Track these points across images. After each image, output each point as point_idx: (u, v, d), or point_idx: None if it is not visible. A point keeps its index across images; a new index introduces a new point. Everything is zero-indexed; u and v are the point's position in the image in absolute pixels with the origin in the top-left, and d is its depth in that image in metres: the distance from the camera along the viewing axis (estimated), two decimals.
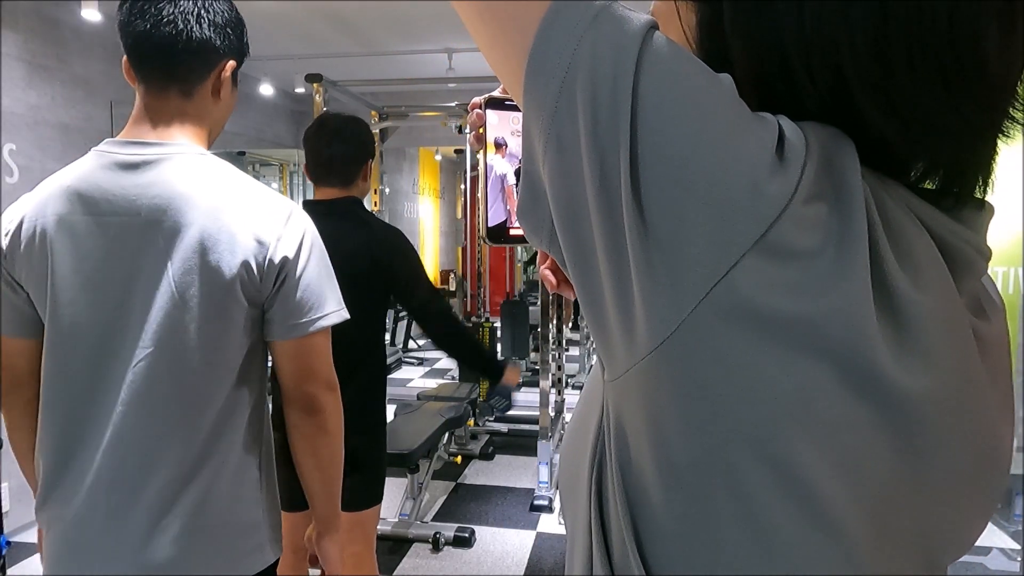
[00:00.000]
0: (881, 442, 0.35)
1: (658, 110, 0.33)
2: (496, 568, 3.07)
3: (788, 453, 0.34)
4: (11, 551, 3.15)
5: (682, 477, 0.36)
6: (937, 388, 0.36)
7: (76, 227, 1.03)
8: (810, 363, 0.33)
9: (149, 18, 1.04)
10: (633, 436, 0.39)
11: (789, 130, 0.35)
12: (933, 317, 0.36)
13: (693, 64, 0.35)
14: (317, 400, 1.15)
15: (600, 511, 0.42)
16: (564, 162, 0.36)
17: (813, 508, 0.34)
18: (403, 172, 8.18)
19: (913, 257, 0.36)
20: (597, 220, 0.35)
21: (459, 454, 4.41)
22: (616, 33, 0.34)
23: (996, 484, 0.43)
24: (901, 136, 0.38)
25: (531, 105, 0.37)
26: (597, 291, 0.37)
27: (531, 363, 6.37)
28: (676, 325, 0.34)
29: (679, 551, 0.37)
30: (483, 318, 5.21)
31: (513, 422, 5.00)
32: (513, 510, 3.66)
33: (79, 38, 3.69)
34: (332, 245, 1.92)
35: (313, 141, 1.98)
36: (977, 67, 0.37)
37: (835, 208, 0.34)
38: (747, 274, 0.33)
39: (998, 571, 3.02)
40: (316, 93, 3.92)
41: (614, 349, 0.38)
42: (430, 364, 7.35)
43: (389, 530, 3.26)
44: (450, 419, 3.63)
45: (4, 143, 3.27)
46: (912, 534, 0.38)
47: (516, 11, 0.37)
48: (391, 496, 3.72)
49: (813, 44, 0.37)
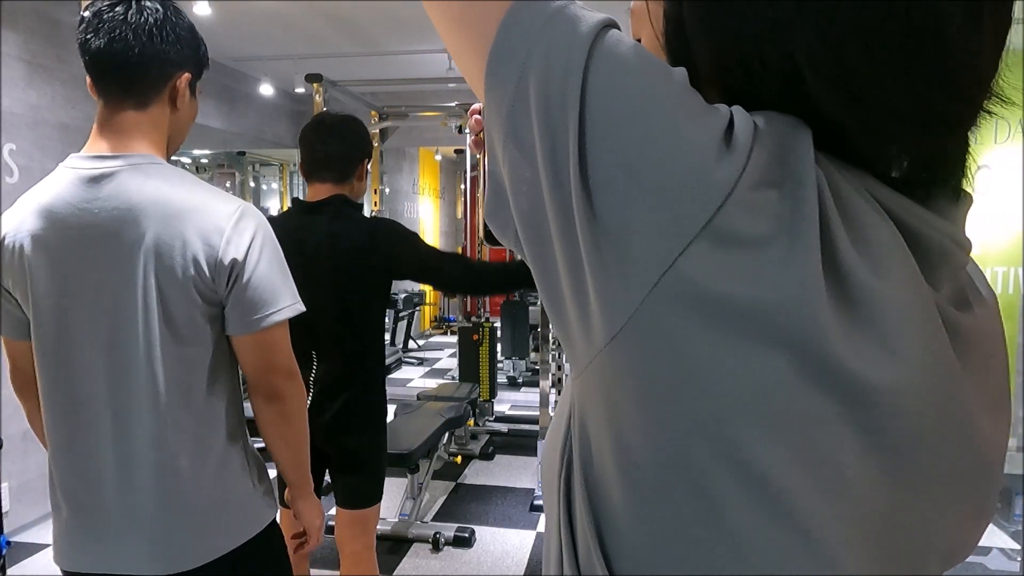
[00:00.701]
0: (849, 438, 0.34)
1: (605, 103, 0.34)
2: (496, 568, 3.07)
3: (748, 449, 0.33)
4: (11, 551, 3.15)
5: (642, 475, 0.35)
6: (903, 380, 0.35)
7: (48, 241, 1.11)
8: (765, 353, 0.33)
9: (103, 35, 1.11)
10: (595, 434, 0.38)
11: (740, 118, 0.35)
12: (894, 305, 0.35)
13: (643, 59, 0.35)
14: (278, 388, 1.23)
15: (568, 510, 0.41)
16: (521, 160, 0.37)
17: (777, 505, 0.33)
18: (403, 172, 8.18)
19: (872, 245, 0.35)
20: (552, 214, 0.36)
21: (459, 454, 4.40)
22: (569, 32, 0.35)
23: (987, 485, 0.41)
24: (861, 124, 0.38)
25: (490, 105, 0.38)
26: (557, 286, 0.38)
27: (531, 363, 6.37)
28: (628, 316, 0.34)
29: (641, 550, 0.36)
30: (483, 318, 5.21)
31: (513, 422, 5.01)
32: (513, 510, 3.66)
33: None
34: (328, 245, 1.93)
35: (309, 138, 1.97)
36: (940, 53, 0.36)
37: (786, 195, 0.34)
38: (696, 261, 0.33)
39: (998, 571, 3.02)
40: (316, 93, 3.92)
41: (574, 344, 0.38)
42: (430, 364, 7.34)
43: (389, 530, 3.26)
44: (450, 419, 3.63)
45: (4, 143, 3.27)
46: (894, 535, 0.37)
47: (478, 15, 0.38)
48: (391, 496, 3.72)
49: (765, 32, 0.37)
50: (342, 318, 1.93)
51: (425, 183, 8.98)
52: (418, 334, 8.28)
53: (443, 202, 9.95)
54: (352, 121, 2.02)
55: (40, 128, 3.48)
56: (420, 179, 8.77)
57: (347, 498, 2.04)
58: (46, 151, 3.51)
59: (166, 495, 1.14)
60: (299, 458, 1.32)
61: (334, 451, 1.95)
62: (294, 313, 1.21)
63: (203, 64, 1.24)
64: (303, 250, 1.83)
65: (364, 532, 2.06)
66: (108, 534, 1.14)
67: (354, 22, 4.39)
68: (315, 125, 2.00)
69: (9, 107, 3.31)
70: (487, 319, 5.18)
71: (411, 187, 8.45)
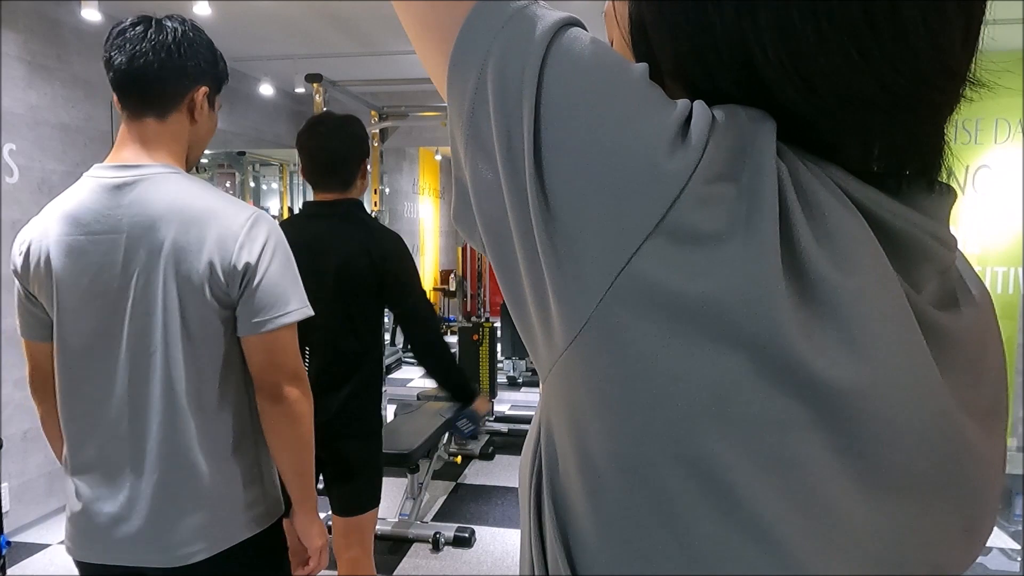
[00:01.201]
0: (817, 441, 0.32)
1: (559, 101, 0.33)
2: (496, 568, 3.07)
3: (707, 452, 0.32)
4: (11, 551, 3.15)
5: (603, 482, 0.34)
6: (870, 381, 0.33)
7: (73, 246, 1.18)
8: (723, 353, 0.31)
9: (124, 53, 1.18)
10: (559, 440, 0.37)
11: (698, 112, 0.33)
12: (860, 302, 0.33)
13: (599, 55, 0.35)
14: (282, 389, 1.26)
15: (539, 519, 0.40)
16: (482, 162, 0.36)
17: (738, 512, 0.32)
18: (403, 172, 8.18)
19: (837, 239, 0.34)
20: (511, 215, 0.35)
21: (459, 454, 4.40)
22: (528, 30, 0.35)
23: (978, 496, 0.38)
24: (821, 113, 0.36)
25: (452, 107, 0.37)
26: (519, 290, 0.37)
27: (531, 363, 6.36)
28: (585, 319, 0.33)
29: (604, 557, 0.35)
30: (483, 318, 5.21)
31: (513, 422, 5.01)
32: (513, 510, 3.66)
33: (79, 38, 3.69)
34: (333, 246, 1.93)
35: (307, 144, 1.94)
36: (898, 36, 0.34)
37: (744, 189, 0.33)
38: (650, 260, 0.31)
39: (998, 571, 3.02)
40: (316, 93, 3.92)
41: (538, 349, 0.37)
42: None
43: (389, 530, 3.26)
44: (450, 419, 3.63)
45: (4, 143, 3.27)
46: (867, 545, 0.35)
47: (442, 18, 0.38)
48: (391, 496, 3.72)
49: (718, 22, 0.36)
50: (343, 320, 1.93)
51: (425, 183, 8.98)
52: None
53: (443, 202, 9.95)
54: (348, 122, 1.99)
55: (40, 128, 3.48)
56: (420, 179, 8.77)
57: (342, 505, 2.02)
58: (46, 151, 3.51)
59: (177, 490, 1.19)
60: (303, 467, 1.32)
61: (328, 455, 1.92)
62: (302, 317, 1.25)
63: (221, 78, 1.32)
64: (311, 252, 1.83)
65: (360, 539, 2.04)
66: (119, 526, 1.19)
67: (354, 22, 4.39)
68: (310, 129, 1.97)
69: (9, 107, 3.31)
70: (487, 319, 5.18)
71: (411, 187, 8.45)
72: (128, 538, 1.19)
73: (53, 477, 3.56)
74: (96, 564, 1.23)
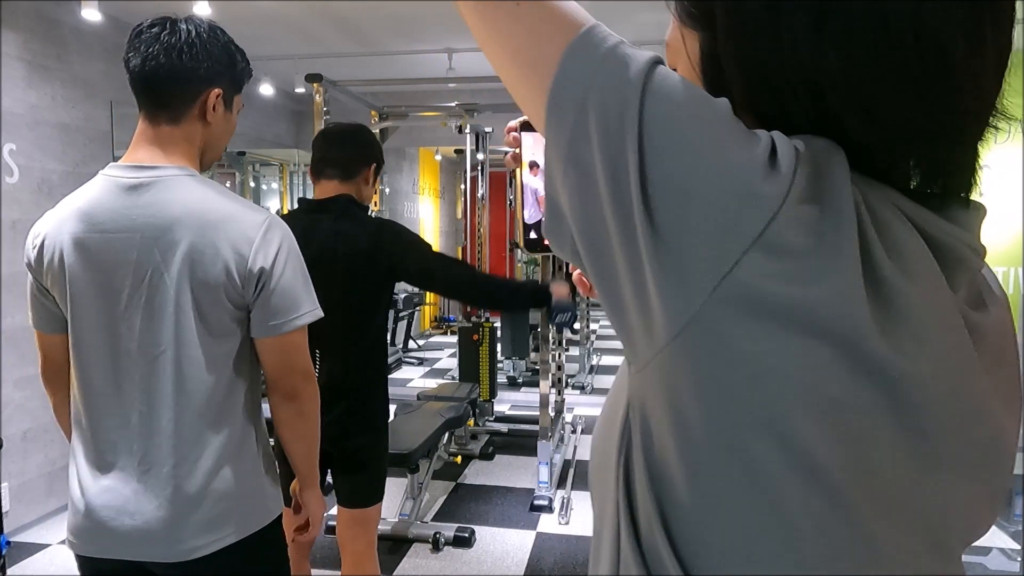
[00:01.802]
0: (887, 422, 0.39)
1: (661, 132, 0.39)
2: (496, 568, 3.07)
3: (794, 430, 0.38)
4: (11, 551, 3.15)
5: (701, 458, 0.41)
6: (931, 371, 0.40)
7: (87, 243, 1.21)
8: (813, 348, 0.37)
9: (138, 55, 1.21)
10: (656, 423, 0.43)
11: (781, 143, 0.39)
12: (922, 305, 0.40)
13: (691, 91, 0.40)
14: (295, 388, 1.33)
15: (628, 494, 0.46)
16: (581, 183, 0.41)
17: (817, 478, 0.38)
18: (403, 172, 8.18)
19: (902, 252, 0.40)
20: (613, 229, 0.40)
21: (459, 454, 4.40)
22: (622, 70, 0.40)
23: (1001, 470, 0.46)
24: (881, 141, 0.43)
25: (551, 135, 0.43)
26: (617, 293, 0.42)
27: (531, 363, 6.37)
28: (689, 318, 0.38)
29: (697, 514, 0.42)
30: (483, 318, 5.21)
31: (513, 422, 5.01)
32: (513, 510, 3.66)
33: (79, 38, 3.69)
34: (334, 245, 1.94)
35: (319, 143, 2.04)
36: (946, 75, 0.41)
37: (827, 209, 0.38)
38: (750, 269, 0.37)
39: (998, 571, 3.02)
40: (316, 93, 3.91)
41: (636, 345, 0.43)
42: (430, 364, 7.34)
43: (389, 530, 3.26)
44: (450, 419, 3.63)
45: (4, 143, 3.27)
46: (919, 511, 0.42)
47: (535, 55, 0.43)
48: (391, 496, 3.71)
49: (792, 66, 0.42)
50: (346, 318, 1.93)
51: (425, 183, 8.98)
52: (418, 334, 8.27)
53: (443, 202, 9.95)
54: (362, 129, 2.10)
55: (40, 128, 3.48)
56: (420, 179, 8.77)
57: (348, 497, 2.05)
58: (46, 151, 3.51)
59: (183, 486, 1.21)
60: (310, 453, 1.41)
61: (336, 451, 1.95)
62: (314, 319, 1.30)
63: (240, 80, 1.33)
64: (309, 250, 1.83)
65: (365, 531, 2.07)
66: (124, 520, 1.21)
67: (354, 22, 4.39)
68: (325, 132, 2.09)
69: (9, 107, 3.31)
70: (487, 319, 5.18)
71: (411, 187, 8.45)
72: (133, 532, 1.20)
73: (53, 477, 3.57)
74: (98, 559, 1.24)
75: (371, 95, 5.06)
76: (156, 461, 1.21)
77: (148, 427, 1.21)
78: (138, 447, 1.21)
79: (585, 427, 5.05)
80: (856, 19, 0.41)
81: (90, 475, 1.24)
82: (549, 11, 0.43)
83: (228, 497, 1.24)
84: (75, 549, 1.25)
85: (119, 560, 1.23)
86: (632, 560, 0.45)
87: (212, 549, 1.22)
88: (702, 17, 0.48)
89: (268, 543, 1.33)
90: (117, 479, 1.21)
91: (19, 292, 3.23)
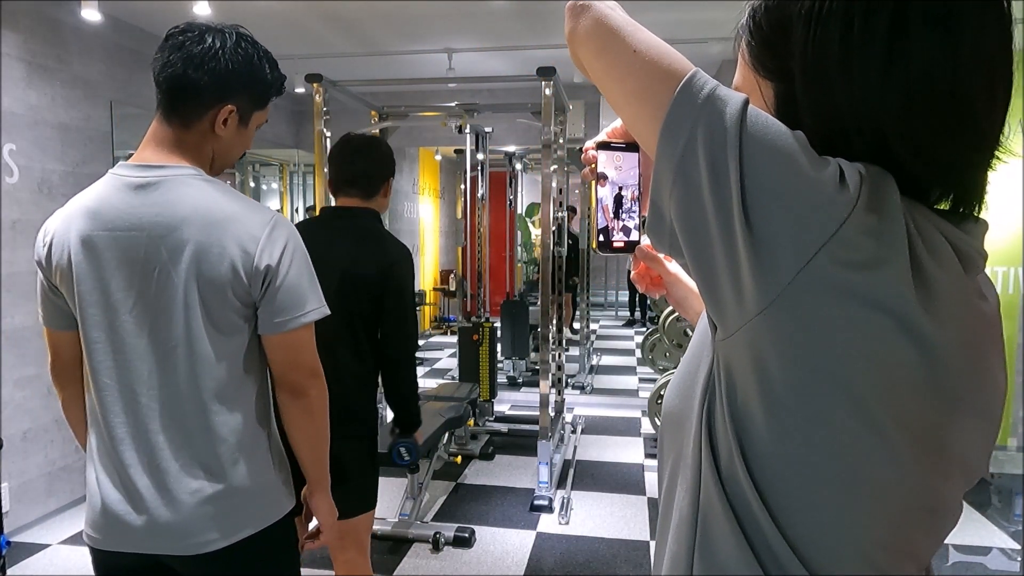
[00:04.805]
0: (920, 376, 0.53)
1: (757, 154, 0.52)
2: (496, 568, 3.07)
3: (856, 382, 0.52)
4: (11, 551, 3.15)
5: (780, 402, 0.54)
6: (958, 340, 0.54)
7: (95, 241, 1.23)
8: (874, 318, 0.51)
9: (162, 60, 1.24)
10: (740, 380, 0.57)
11: (847, 166, 0.52)
12: (952, 291, 0.54)
13: (777, 125, 0.53)
14: (302, 385, 1.33)
15: (710, 434, 0.60)
16: (688, 193, 0.54)
17: (869, 420, 0.52)
18: (403, 172, 8.18)
19: (937, 251, 0.54)
20: (715, 228, 0.53)
21: (459, 454, 4.40)
22: (722, 109, 0.53)
23: (999, 413, 0.61)
24: (925, 172, 0.57)
25: (662, 156, 0.55)
26: (713, 275, 0.55)
27: (531, 363, 6.37)
28: (776, 295, 0.51)
29: (773, 447, 0.56)
30: (483, 318, 5.20)
31: (513, 422, 5.01)
32: (513, 510, 3.66)
33: (79, 38, 3.69)
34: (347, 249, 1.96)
35: (338, 158, 2.09)
36: (972, 123, 0.56)
37: (883, 217, 0.52)
38: (826, 258, 0.50)
39: (998, 571, 3.02)
40: (316, 93, 3.91)
41: (727, 316, 0.56)
42: (430, 364, 7.34)
43: (389, 530, 3.26)
44: (450, 419, 3.63)
45: (4, 143, 3.27)
46: (953, 452, 0.57)
47: (653, 94, 0.56)
48: (391, 496, 3.72)
49: (861, 114, 0.56)
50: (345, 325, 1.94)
51: (425, 183, 8.98)
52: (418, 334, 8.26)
53: (443, 202, 9.95)
54: (379, 142, 2.15)
55: (40, 128, 3.48)
56: (420, 179, 8.77)
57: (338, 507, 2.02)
58: (46, 151, 3.51)
59: (196, 480, 1.23)
60: (319, 454, 1.41)
61: None
62: (320, 316, 1.31)
63: (261, 97, 1.33)
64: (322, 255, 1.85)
65: (356, 541, 2.05)
66: (139, 515, 1.23)
67: (354, 22, 4.39)
68: (343, 145, 2.11)
69: (9, 107, 3.31)
70: (487, 319, 5.17)
71: (411, 187, 8.45)
72: (146, 526, 1.22)
73: (53, 477, 3.57)
74: (113, 552, 1.26)
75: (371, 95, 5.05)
76: (168, 456, 1.23)
77: (159, 423, 1.23)
78: (150, 443, 1.23)
79: (585, 427, 5.05)
80: (913, 79, 0.54)
81: (105, 470, 1.26)
82: (659, 61, 0.57)
83: (240, 492, 1.26)
84: (92, 543, 1.27)
85: (135, 554, 1.24)
86: (712, 486, 0.59)
87: (224, 543, 1.24)
88: (777, 71, 0.61)
89: (280, 538, 1.34)
90: (131, 474, 1.23)
91: (19, 292, 3.21)
